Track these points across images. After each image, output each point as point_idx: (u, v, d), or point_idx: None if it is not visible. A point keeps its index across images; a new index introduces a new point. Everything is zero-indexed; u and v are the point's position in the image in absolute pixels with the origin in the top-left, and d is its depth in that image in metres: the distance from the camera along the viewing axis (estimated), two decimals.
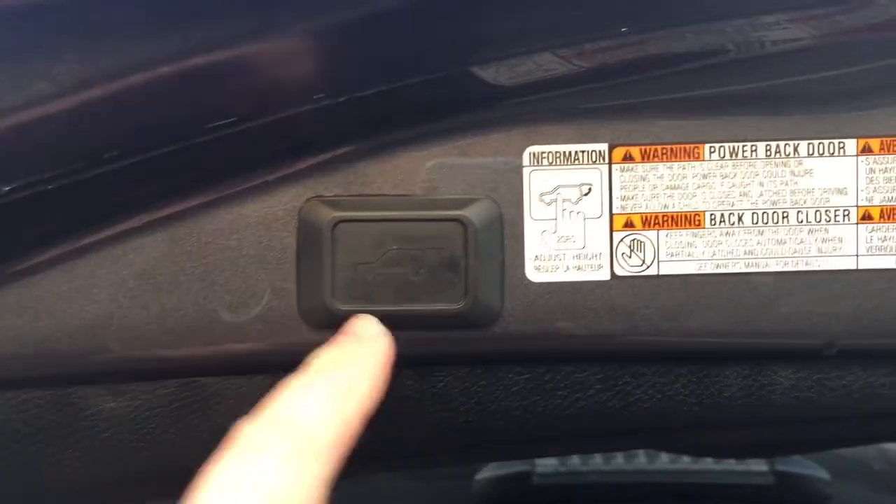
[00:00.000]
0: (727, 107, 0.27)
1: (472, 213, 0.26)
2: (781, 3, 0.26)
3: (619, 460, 0.51)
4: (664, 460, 0.51)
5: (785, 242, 0.27)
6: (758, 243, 0.27)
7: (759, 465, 0.50)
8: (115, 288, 0.27)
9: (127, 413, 0.28)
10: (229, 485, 0.20)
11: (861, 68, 0.26)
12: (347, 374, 0.23)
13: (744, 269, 0.27)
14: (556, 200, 0.27)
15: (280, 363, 0.25)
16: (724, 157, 0.27)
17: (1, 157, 0.22)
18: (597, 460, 0.50)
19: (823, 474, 0.50)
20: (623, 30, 0.25)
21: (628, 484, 0.49)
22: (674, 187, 0.27)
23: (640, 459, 0.51)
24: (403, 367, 0.28)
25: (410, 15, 0.24)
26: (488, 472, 0.50)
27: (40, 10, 0.21)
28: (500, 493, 0.49)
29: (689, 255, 0.27)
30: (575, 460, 0.50)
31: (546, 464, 0.50)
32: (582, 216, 0.27)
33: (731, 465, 0.50)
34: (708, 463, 0.50)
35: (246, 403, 0.27)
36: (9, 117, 0.22)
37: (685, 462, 0.50)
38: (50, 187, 0.23)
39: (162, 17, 0.22)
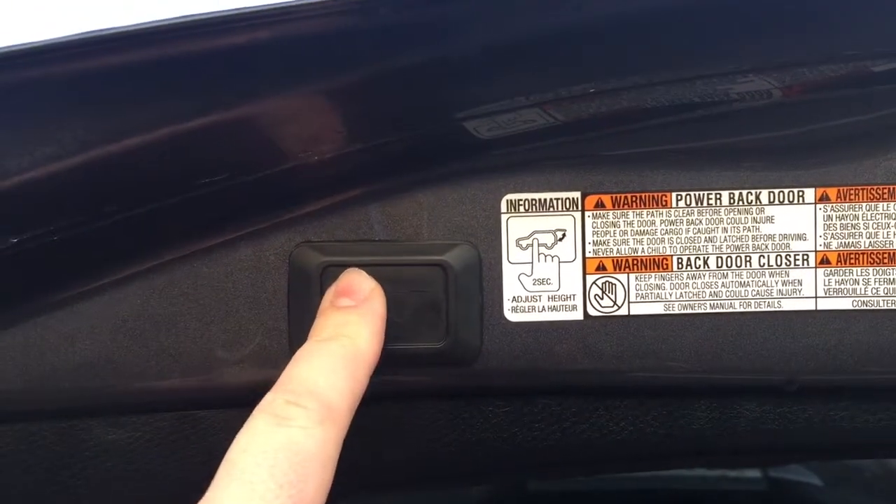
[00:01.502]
0: (693, 158, 0.28)
1: (452, 257, 0.28)
2: (746, 60, 0.28)
3: None
4: None
5: (748, 285, 0.29)
6: (722, 285, 0.29)
7: (752, 472, 0.51)
8: (115, 328, 0.28)
9: (127, 444, 0.30)
10: (260, 452, 0.22)
11: (819, 125, 0.28)
12: (351, 339, 0.25)
13: (709, 310, 0.29)
14: (532, 245, 0.28)
15: None
16: (690, 204, 0.28)
17: (10, 211, 0.24)
18: None
19: (816, 481, 0.51)
20: (593, 88, 0.26)
21: (623, 491, 0.50)
22: (643, 233, 0.28)
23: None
24: (390, 400, 0.29)
25: (396, 79, 0.26)
26: None
27: (50, 82, 0.22)
28: (496, 500, 0.50)
29: (657, 296, 0.29)
30: None
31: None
32: (557, 260, 0.28)
33: (724, 471, 0.51)
34: (702, 469, 0.51)
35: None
36: (18, 176, 0.23)
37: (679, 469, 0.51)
38: (55, 238, 0.25)
39: (157, 86, 0.23)
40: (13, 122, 0.23)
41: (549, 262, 0.28)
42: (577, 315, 0.29)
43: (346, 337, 0.25)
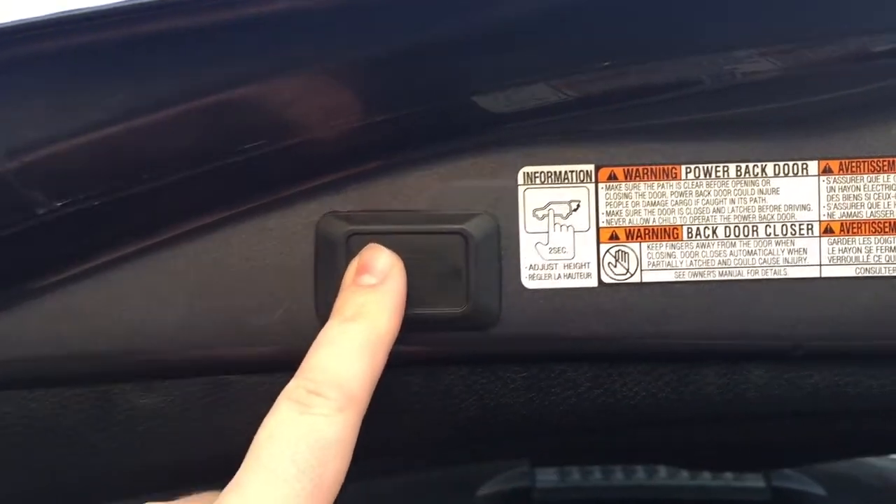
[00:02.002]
0: (701, 131, 0.30)
1: (472, 226, 0.29)
2: (751, 39, 0.29)
3: (618, 475, 0.52)
4: (662, 475, 0.53)
5: (755, 253, 0.30)
6: (731, 254, 0.30)
7: (755, 482, 0.51)
8: (149, 294, 0.29)
9: (159, 408, 0.31)
10: (283, 440, 0.24)
11: (821, 97, 0.29)
12: (371, 320, 0.26)
13: (718, 278, 0.30)
14: (548, 215, 0.30)
15: (300, 362, 0.28)
16: (699, 176, 0.30)
17: (55, 176, 0.25)
18: (596, 476, 0.52)
19: (819, 490, 0.51)
20: (605, 64, 0.28)
21: (627, 499, 0.51)
22: (654, 203, 0.30)
23: (639, 475, 0.52)
24: (411, 366, 0.31)
25: (419, 52, 0.27)
26: (489, 488, 0.51)
27: (97, 49, 0.24)
28: None
29: (668, 264, 0.30)
30: (575, 476, 0.52)
31: (546, 479, 0.51)
32: (572, 229, 0.30)
33: (728, 480, 0.52)
34: (706, 478, 0.52)
35: (268, 399, 0.30)
36: (65, 141, 0.25)
37: (683, 478, 0.52)
38: (95, 204, 0.26)
39: (201, 56, 0.25)
40: (59, 88, 0.25)
41: (565, 231, 0.30)
42: (592, 282, 0.30)
43: (367, 318, 0.27)
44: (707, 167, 0.30)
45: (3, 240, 0.27)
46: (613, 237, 0.30)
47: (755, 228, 0.30)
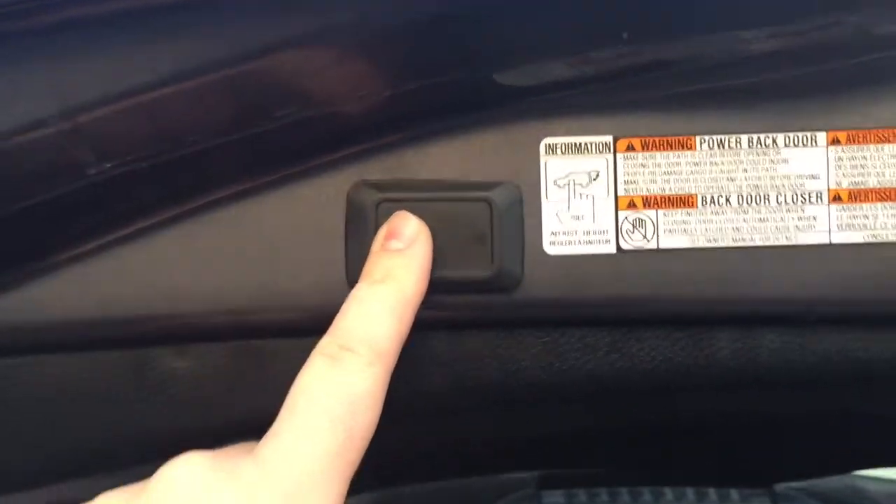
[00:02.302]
0: (714, 104, 0.31)
1: (497, 194, 0.31)
2: (760, 20, 0.31)
3: (624, 498, 0.53)
4: (669, 498, 0.53)
5: (767, 220, 0.31)
6: (743, 221, 0.31)
7: (760, 501, 0.52)
8: (185, 259, 0.31)
9: (192, 371, 0.32)
10: (317, 392, 0.25)
11: (828, 66, 0.31)
12: (399, 283, 0.28)
13: (731, 244, 0.31)
14: (568, 184, 0.31)
15: (329, 325, 0.29)
16: (712, 147, 0.31)
17: (105, 137, 0.27)
18: (603, 498, 0.53)
19: None
20: (624, 35, 0.29)
21: None
22: (670, 173, 0.31)
23: (646, 497, 0.53)
24: (437, 329, 0.32)
25: (447, 24, 0.28)
26: None
27: (148, 13, 0.25)
28: None
29: (684, 231, 0.31)
30: (581, 498, 0.53)
31: (553, 501, 0.52)
32: (591, 198, 0.31)
33: (734, 501, 0.52)
34: (712, 500, 0.53)
35: (299, 362, 0.31)
36: (116, 103, 0.26)
37: (690, 500, 0.53)
38: (141, 166, 0.28)
39: (243, 23, 0.26)
40: (111, 51, 0.26)
41: (585, 199, 0.31)
42: (611, 248, 0.31)
43: (394, 280, 0.28)
44: (720, 138, 0.31)
45: (52, 202, 0.28)
46: (631, 205, 0.31)
47: (767, 197, 0.31)
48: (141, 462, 0.35)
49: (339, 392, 0.26)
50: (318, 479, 0.24)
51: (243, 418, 0.33)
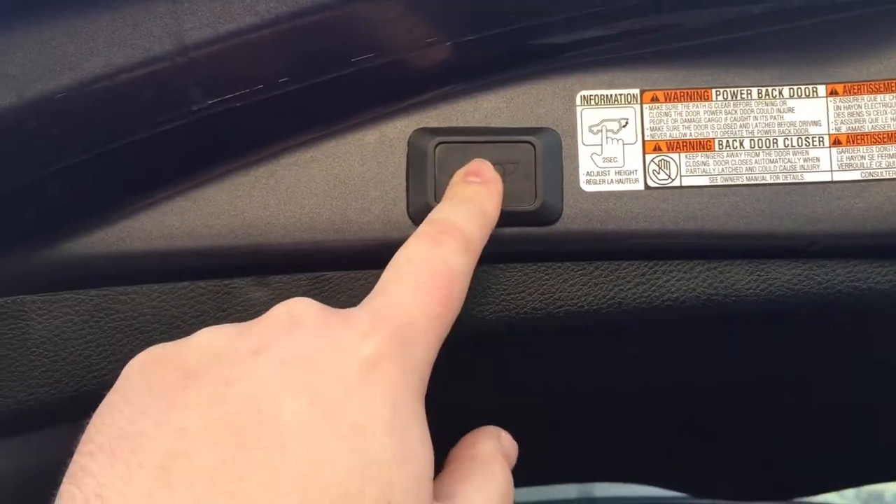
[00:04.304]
0: (728, 61, 0.36)
1: (539, 138, 0.35)
2: None
3: None
4: None
5: (776, 161, 0.36)
6: (755, 162, 0.36)
7: None
8: (267, 195, 0.35)
9: (270, 300, 0.36)
10: (421, 261, 0.29)
11: (829, 18, 0.36)
12: (481, 203, 0.32)
13: (745, 182, 0.35)
14: (601, 130, 0.36)
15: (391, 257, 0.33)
16: (726, 98, 0.36)
17: (212, 74, 0.31)
18: None
19: None
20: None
21: None
22: (690, 120, 0.36)
23: None
24: (490, 262, 0.36)
25: None
26: None
27: None
28: None
29: (703, 171, 0.36)
30: None
31: None
32: (621, 142, 0.36)
33: None
34: None
35: (362, 292, 0.36)
36: (224, 42, 0.30)
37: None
38: (237, 105, 0.32)
39: None
40: None
41: (616, 144, 0.36)
42: (639, 186, 0.35)
43: (477, 202, 0.32)
44: (733, 90, 0.36)
45: (156, 139, 0.32)
46: (657, 149, 0.36)
47: (775, 141, 0.36)
48: None
49: (440, 261, 0.28)
50: (422, 331, 0.27)
51: None
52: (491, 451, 0.30)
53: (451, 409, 0.34)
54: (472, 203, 0.32)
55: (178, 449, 0.23)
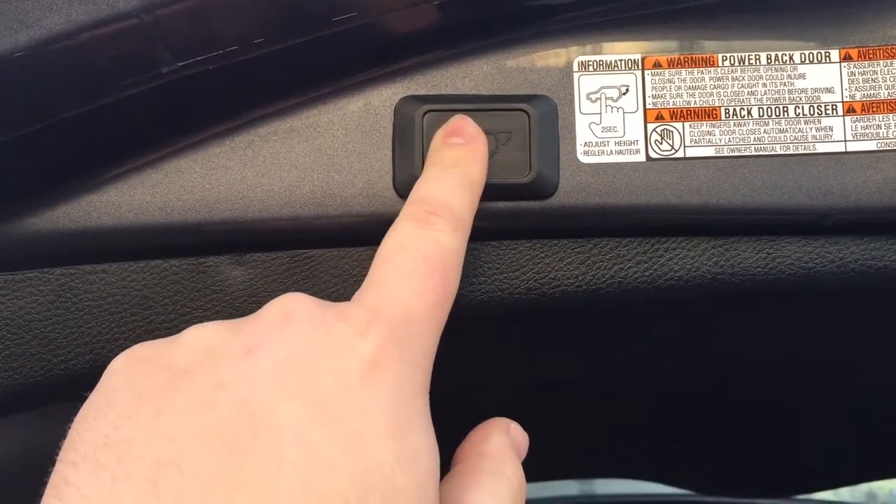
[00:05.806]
0: (735, 25, 0.34)
1: (534, 106, 0.33)
2: None
3: None
4: None
5: (786, 131, 0.33)
6: (764, 132, 0.33)
7: None
8: (244, 168, 0.33)
9: (248, 279, 0.34)
10: (413, 247, 0.27)
11: None
12: (466, 168, 0.30)
13: (754, 153, 0.33)
14: (600, 98, 0.33)
15: (379, 233, 0.31)
16: (734, 63, 0.34)
17: (182, 34, 0.29)
18: None
19: None
20: None
21: None
22: (695, 88, 0.33)
23: None
24: (481, 239, 0.34)
25: None
26: None
27: None
28: None
29: (709, 141, 0.33)
30: None
31: None
32: (622, 111, 0.33)
33: None
34: None
35: (348, 271, 0.33)
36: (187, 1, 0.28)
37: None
38: (209, 68, 0.30)
39: None
40: None
41: (615, 112, 0.33)
42: (641, 157, 0.33)
43: (462, 166, 0.30)
44: (741, 55, 0.33)
45: (123, 103, 0.30)
46: (659, 118, 0.33)
47: (786, 109, 0.33)
48: None
49: (432, 244, 0.27)
50: (421, 322, 0.25)
51: None
52: (501, 448, 0.28)
53: (453, 398, 0.32)
54: (456, 169, 0.30)
55: (168, 458, 0.21)
